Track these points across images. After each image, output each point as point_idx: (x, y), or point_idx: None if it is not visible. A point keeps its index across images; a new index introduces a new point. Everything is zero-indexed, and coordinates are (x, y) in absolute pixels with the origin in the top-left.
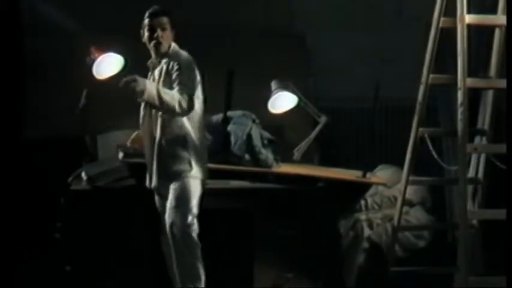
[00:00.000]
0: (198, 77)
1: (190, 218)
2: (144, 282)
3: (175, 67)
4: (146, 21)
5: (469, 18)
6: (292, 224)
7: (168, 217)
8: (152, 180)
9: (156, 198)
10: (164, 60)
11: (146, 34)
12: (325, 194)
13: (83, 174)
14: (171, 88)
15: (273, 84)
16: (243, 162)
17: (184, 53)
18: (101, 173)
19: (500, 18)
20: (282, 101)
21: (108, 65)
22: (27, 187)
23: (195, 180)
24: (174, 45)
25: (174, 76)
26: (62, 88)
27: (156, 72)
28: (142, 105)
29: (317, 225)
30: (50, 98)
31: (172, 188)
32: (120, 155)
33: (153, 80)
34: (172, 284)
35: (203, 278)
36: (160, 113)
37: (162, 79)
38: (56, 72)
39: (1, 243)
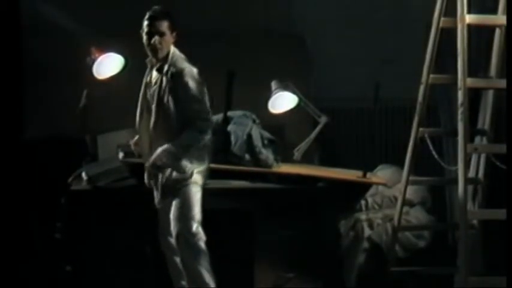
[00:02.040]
0: (204, 85)
1: (194, 226)
2: (144, 282)
3: (181, 83)
4: (144, 24)
5: (469, 18)
6: (292, 224)
7: (173, 228)
8: (151, 182)
9: (155, 195)
10: (165, 69)
11: (144, 38)
12: (326, 194)
13: (83, 174)
14: (176, 101)
15: (273, 84)
16: (243, 162)
17: (185, 61)
18: (101, 173)
19: (501, 18)
20: (282, 101)
21: (108, 65)
22: (28, 187)
23: (195, 187)
24: (173, 50)
25: (181, 94)
26: (62, 88)
27: (154, 77)
28: (140, 102)
29: (317, 225)
30: (50, 98)
31: (174, 198)
32: (120, 155)
33: (151, 82)
34: (173, 284)
35: (212, 285)
36: (164, 116)
37: (162, 92)
38: (56, 72)
39: (1, 243)
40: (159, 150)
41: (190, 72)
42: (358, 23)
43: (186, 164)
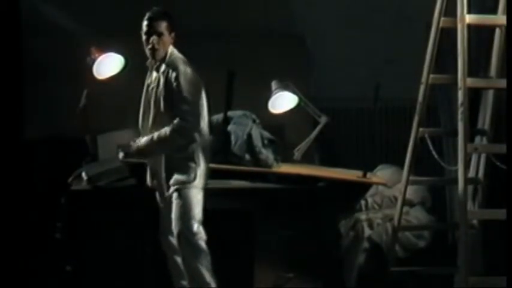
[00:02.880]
0: (199, 86)
1: (195, 226)
2: (144, 282)
3: (174, 82)
4: (143, 24)
5: (469, 18)
6: (292, 224)
7: (174, 227)
8: (153, 182)
9: (157, 195)
10: (162, 68)
11: (143, 38)
12: (326, 194)
13: (83, 174)
14: (170, 102)
15: (273, 84)
16: (243, 162)
17: (182, 61)
18: (101, 173)
19: (501, 18)
20: (282, 101)
21: (108, 65)
22: (28, 187)
23: (197, 189)
24: (172, 50)
25: (174, 93)
26: (62, 88)
27: (154, 77)
28: (142, 102)
29: (317, 225)
30: (50, 98)
31: (176, 198)
32: (120, 155)
33: (151, 82)
34: (173, 284)
35: (213, 285)
36: (161, 113)
37: (160, 90)
38: (56, 72)
39: (1, 243)
40: (146, 138)
41: (184, 73)
42: (358, 23)
43: (190, 164)
